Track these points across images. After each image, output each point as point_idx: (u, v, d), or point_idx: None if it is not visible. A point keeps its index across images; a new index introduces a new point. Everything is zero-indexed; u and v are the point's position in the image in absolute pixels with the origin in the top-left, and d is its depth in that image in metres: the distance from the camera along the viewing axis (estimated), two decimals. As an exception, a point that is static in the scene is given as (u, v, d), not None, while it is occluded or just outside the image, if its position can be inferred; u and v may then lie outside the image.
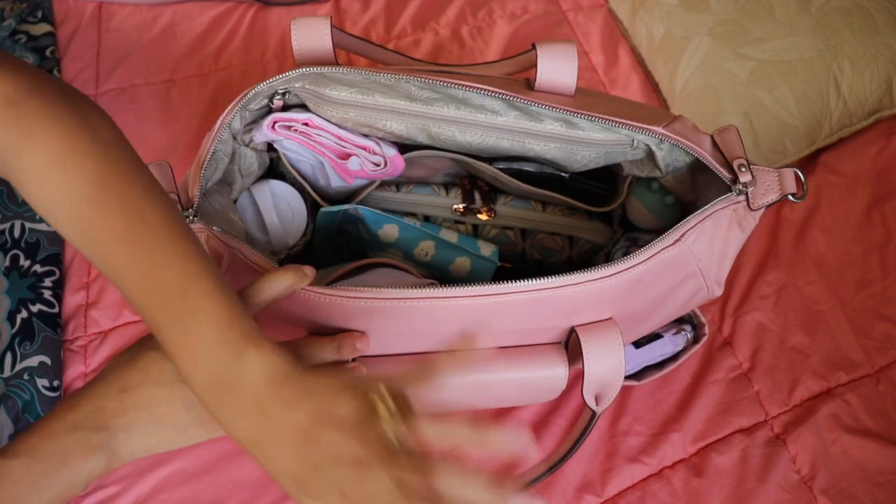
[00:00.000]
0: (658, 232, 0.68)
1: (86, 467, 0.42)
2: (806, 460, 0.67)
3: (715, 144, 0.55)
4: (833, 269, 0.78)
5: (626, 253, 0.67)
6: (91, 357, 0.74)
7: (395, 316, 0.51)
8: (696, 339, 0.68)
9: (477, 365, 0.51)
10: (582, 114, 0.54)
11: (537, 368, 0.56)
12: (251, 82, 0.95)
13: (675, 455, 0.68)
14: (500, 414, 0.70)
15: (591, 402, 0.56)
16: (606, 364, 0.54)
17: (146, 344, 0.46)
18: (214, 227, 0.53)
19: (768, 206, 0.55)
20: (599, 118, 0.54)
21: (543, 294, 0.51)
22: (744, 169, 0.53)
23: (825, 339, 0.74)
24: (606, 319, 0.55)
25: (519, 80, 0.61)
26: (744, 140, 0.81)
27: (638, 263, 0.52)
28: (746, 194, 0.54)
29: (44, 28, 0.98)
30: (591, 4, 1.01)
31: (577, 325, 0.54)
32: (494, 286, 0.50)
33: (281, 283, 0.48)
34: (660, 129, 0.54)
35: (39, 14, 0.99)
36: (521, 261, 0.72)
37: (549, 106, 0.54)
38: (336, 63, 0.58)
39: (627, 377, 0.67)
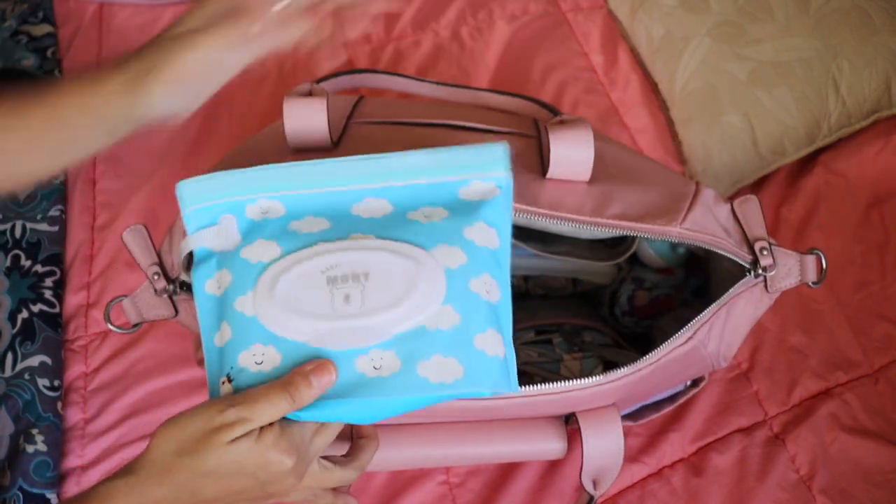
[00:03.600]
0: (666, 271, 0.67)
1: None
2: (805, 460, 0.67)
3: (734, 216, 0.52)
4: (832, 269, 0.78)
5: (632, 297, 0.67)
6: (91, 357, 0.74)
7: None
8: (695, 383, 0.66)
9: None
10: (597, 224, 0.50)
11: (535, 443, 0.56)
12: (251, 83, 0.95)
13: (675, 455, 0.68)
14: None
15: (588, 487, 0.55)
16: (606, 450, 0.54)
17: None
18: None
19: (785, 289, 0.52)
20: (615, 227, 0.50)
21: (541, 399, 0.50)
22: (765, 252, 0.51)
23: (824, 338, 0.74)
24: (609, 405, 0.54)
25: (530, 136, 0.57)
26: (743, 140, 0.81)
27: (646, 366, 0.51)
28: (765, 278, 0.51)
29: (45, 29, 0.98)
30: (590, 5, 1.02)
31: (578, 411, 0.54)
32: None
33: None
34: (676, 230, 0.50)
35: (41, 15, 0.99)
36: (523, 297, 0.72)
37: (562, 220, 0.50)
38: (332, 141, 0.55)
39: (624, 417, 0.65)
